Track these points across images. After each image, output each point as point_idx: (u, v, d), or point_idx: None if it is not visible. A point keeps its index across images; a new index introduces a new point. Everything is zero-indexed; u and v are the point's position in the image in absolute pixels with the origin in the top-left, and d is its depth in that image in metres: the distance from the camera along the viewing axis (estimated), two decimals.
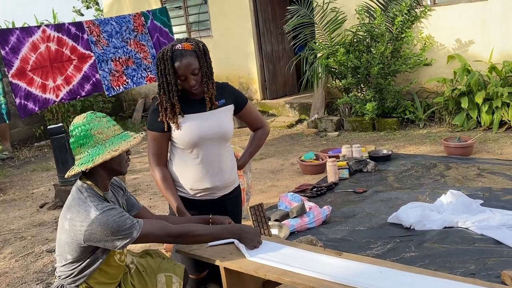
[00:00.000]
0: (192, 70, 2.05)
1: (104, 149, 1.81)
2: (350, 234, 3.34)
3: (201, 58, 2.08)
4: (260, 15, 8.08)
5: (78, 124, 1.84)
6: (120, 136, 1.87)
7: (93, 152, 1.81)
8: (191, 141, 2.15)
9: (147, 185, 5.23)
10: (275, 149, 6.22)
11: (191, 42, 2.09)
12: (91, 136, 1.82)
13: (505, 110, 5.62)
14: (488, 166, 4.44)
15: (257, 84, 8.31)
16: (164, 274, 2.10)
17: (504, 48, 5.95)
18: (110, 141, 1.83)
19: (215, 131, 2.17)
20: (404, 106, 6.47)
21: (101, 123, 1.85)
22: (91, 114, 1.86)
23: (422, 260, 2.84)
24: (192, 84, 2.07)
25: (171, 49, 2.06)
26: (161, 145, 2.20)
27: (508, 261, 2.73)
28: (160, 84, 2.11)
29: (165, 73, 2.06)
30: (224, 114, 2.22)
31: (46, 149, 7.75)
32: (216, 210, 2.26)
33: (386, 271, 1.78)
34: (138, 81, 5.71)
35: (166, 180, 2.21)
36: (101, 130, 1.83)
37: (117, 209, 1.80)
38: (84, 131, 1.82)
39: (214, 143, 2.19)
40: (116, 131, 1.88)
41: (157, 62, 2.10)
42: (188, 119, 2.15)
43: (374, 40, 6.42)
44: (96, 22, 5.42)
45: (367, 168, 4.70)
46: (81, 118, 1.85)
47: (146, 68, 5.77)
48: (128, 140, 1.86)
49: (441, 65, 6.37)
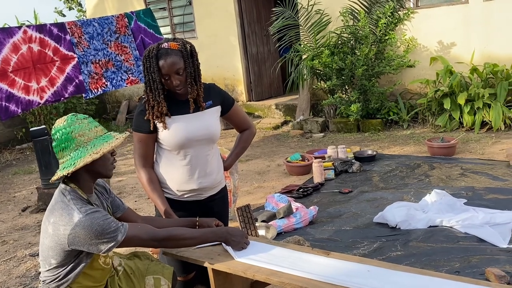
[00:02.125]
0: (176, 69, 2.03)
1: (86, 152, 1.77)
2: (337, 234, 3.36)
3: (186, 58, 2.06)
4: (245, 16, 8.09)
5: (59, 128, 1.79)
6: (103, 137, 1.83)
7: (75, 155, 1.77)
8: (178, 143, 2.13)
9: (132, 187, 5.18)
10: (261, 150, 6.22)
11: (178, 42, 2.08)
12: (73, 139, 1.77)
13: (486, 111, 5.72)
14: (471, 166, 4.51)
15: (242, 86, 8.31)
16: (153, 276, 2.07)
17: (485, 50, 6.07)
18: (92, 143, 1.79)
19: (202, 133, 2.16)
20: (388, 107, 6.55)
21: (82, 125, 1.80)
22: (72, 117, 1.82)
23: (408, 259, 2.87)
24: (176, 84, 2.05)
25: (157, 47, 2.05)
26: (147, 146, 2.17)
27: (491, 258, 2.78)
28: (146, 82, 2.10)
29: (150, 71, 2.05)
30: (211, 115, 2.20)
31: (28, 152, 7.61)
32: (203, 211, 2.25)
33: (374, 269, 1.79)
34: (118, 83, 5.64)
35: (153, 182, 2.18)
36: (82, 132, 1.79)
37: (101, 212, 1.77)
38: (65, 134, 1.78)
39: (201, 145, 2.18)
40: (99, 132, 1.83)
41: (143, 60, 2.09)
42: (174, 121, 2.13)
43: (358, 42, 6.49)
44: (78, 23, 5.35)
45: (353, 169, 4.74)
46: (62, 121, 1.81)
47: (127, 70, 5.71)
48: (110, 141, 1.81)
49: (424, 67, 6.47)
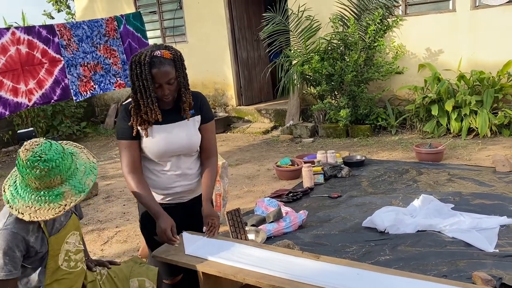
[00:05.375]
0: (168, 79, 2.02)
1: (27, 198, 1.66)
2: (326, 238, 3.37)
3: (178, 67, 2.05)
4: (235, 21, 8.11)
5: (20, 160, 1.65)
6: (53, 193, 1.66)
7: (19, 192, 1.68)
8: (158, 153, 2.13)
9: (120, 191, 5.14)
10: (251, 155, 6.22)
11: (170, 51, 2.05)
12: (25, 179, 1.66)
13: (473, 117, 5.81)
14: (458, 171, 4.57)
15: (232, 90, 8.31)
16: (137, 278, 2.06)
17: (472, 57, 6.17)
18: (38, 194, 1.65)
19: (183, 143, 2.15)
20: (376, 113, 6.60)
21: (38, 173, 1.62)
22: (35, 159, 1.61)
23: (396, 263, 2.89)
24: (166, 93, 2.04)
25: (150, 54, 2.01)
26: (134, 152, 2.13)
27: (478, 262, 2.81)
28: (136, 88, 2.05)
29: (142, 78, 2.02)
30: (193, 125, 2.19)
31: (14, 155, 7.52)
32: (187, 213, 2.26)
33: (363, 273, 1.80)
34: (106, 87, 5.61)
35: (144, 186, 2.12)
36: (34, 179, 1.64)
37: (15, 240, 1.65)
38: (20, 170, 1.65)
39: (182, 154, 2.18)
40: (55, 183, 1.66)
41: (131, 65, 2.04)
42: (156, 130, 2.11)
43: (347, 48, 6.54)
44: (68, 25, 5.32)
45: (342, 174, 4.77)
46: (25, 156, 1.62)
47: (116, 73, 5.68)
48: (54, 203, 1.65)
49: (412, 73, 6.55)
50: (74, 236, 1.89)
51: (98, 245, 3.76)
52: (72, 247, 1.87)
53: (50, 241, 1.77)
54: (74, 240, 1.88)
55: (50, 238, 1.77)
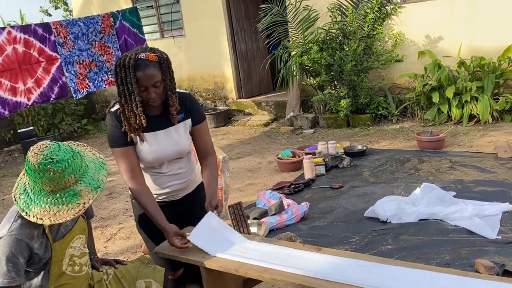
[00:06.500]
0: (154, 82, 1.97)
1: (43, 203, 1.63)
2: (328, 229, 3.37)
3: (165, 70, 2.00)
4: (233, 13, 8.06)
5: (30, 165, 1.61)
6: (69, 194, 1.64)
7: (33, 200, 1.65)
8: (147, 162, 2.13)
9: (122, 187, 5.15)
10: (252, 147, 6.22)
11: (155, 53, 2.01)
12: (38, 184, 1.63)
13: (474, 104, 5.78)
14: (460, 158, 4.55)
15: (232, 83, 8.29)
16: (144, 280, 2.05)
17: (472, 43, 6.12)
18: (54, 196, 1.63)
19: (173, 150, 2.13)
20: (377, 102, 6.58)
21: (52, 176, 1.60)
22: (47, 162, 1.59)
23: (399, 253, 2.89)
24: (152, 96, 1.99)
25: (134, 57, 1.95)
26: (132, 157, 2.09)
27: (481, 250, 2.81)
28: (120, 92, 2.00)
29: (126, 82, 1.96)
30: (183, 130, 2.15)
31: (16, 154, 7.54)
32: (180, 211, 2.26)
33: (366, 264, 1.80)
34: (98, 84, 5.57)
35: (148, 196, 2.08)
36: (49, 183, 1.61)
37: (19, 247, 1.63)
38: (32, 175, 1.62)
39: (172, 158, 2.17)
40: (70, 183, 1.64)
41: (116, 68, 1.98)
42: (146, 139, 2.08)
43: (346, 37, 6.50)
44: (64, 23, 5.28)
45: (343, 164, 4.76)
46: (36, 160, 1.59)
47: (108, 71, 5.65)
48: (72, 203, 1.64)
49: (412, 61, 6.51)
50: (80, 240, 1.87)
51: (101, 242, 3.77)
52: (77, 251, 1.84)
53: (54, 247, 1.74)
54: (79, 244, 1.86)
55: (54, 244, 1.75)
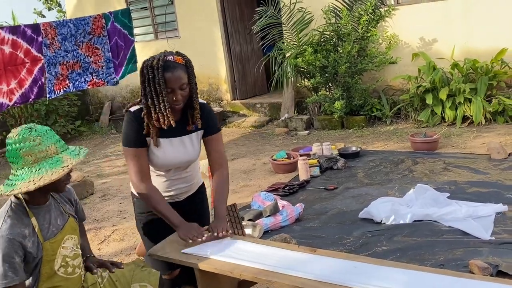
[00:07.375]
0: (181, 84, 2.00)
1: (29, 175, 1.65)
2: (323, 231, 3.37)
3: (190, 73, 2.05)
4: (228, 15, 8.06)
5: (10, 141, 1.67)
6: (52, 161, 1.67)
7: (19, 175, 1.66)
8: (158, 166, 2.15)
9: (116, 189, 5.13)
10: (247, 149, 6.21)
11: (182, 56, 2.06)
12: (20, 157, 1.65)
13: (467, 105, 5.81)
14: (453, 160, 4.58)
15: (226, 85, 8.29)
16: (139, 284, 2.04)
17: (465, 45, 6.16)
18: (38, 166, 1.66)
19: (184, 159, 2.17)
20: (371, 104, 6.60)
21: (31, 143, 1.65)
22: (26, 131, 1.67)
23: (393, 254, 2.90)
24: (178, 98, 2.01)
25: (163, 59, 1.98)
26: (144, 159, 2.10)
27: (474, 251, 2.82)
28: (147, 93, 2.01)
29: (154, 83, 1.98)
30: (195, 140, 2.19)
31: None
32: (182, 210, 2.25)
33: (360, 265, 1.80)
34: (80, 85, 5.53)
35: (160, 198, 2.12)
36: (30, 151, 1.65)
37: (13, 246, 1.63)
38: (13, 150, 1.66)
39: (181, 165, 2.21)
40: (50, 152, 1.69)
41: (143, 70, 2.01)
42: (160, 144, 2.10)
43: (340, 39, 6.52)
44: (54, 24, 5.24)
45: (337, 165, 4.77)
46: (15, 133, 1.67)
47: (93, 72, 5.61)
48: (57, 168, 1.66)
49: (406, 63, 6.54)
50: (72, 240, 1.86)
51: (95, 244, 3.75)
52: (69, 251, 1.84)
53: (44, 246, 1.74)
54: (71, 244, 1.85)
55: (45, 243, 1.75)
